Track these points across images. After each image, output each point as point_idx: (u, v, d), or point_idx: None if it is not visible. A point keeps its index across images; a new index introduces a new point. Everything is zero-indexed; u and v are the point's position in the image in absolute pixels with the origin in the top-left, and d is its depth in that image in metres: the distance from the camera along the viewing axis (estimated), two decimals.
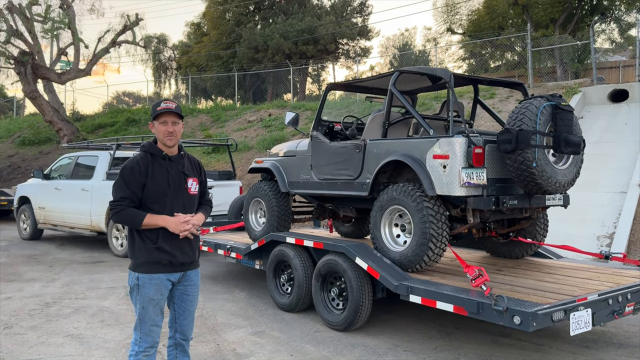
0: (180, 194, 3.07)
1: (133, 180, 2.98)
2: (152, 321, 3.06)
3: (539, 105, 4.48)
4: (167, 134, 3.03)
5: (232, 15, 30.22)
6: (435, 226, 4.58)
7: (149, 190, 3.00)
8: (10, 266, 8.38)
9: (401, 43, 43.69)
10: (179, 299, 3.18)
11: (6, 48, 20.74)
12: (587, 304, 3.87)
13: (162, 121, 3.03)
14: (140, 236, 3.03)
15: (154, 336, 3.08)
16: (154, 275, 3.02)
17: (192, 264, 3.17)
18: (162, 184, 3.03)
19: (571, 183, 4.84)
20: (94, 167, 9.90)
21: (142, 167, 3.01)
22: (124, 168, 3.04)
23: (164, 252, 3.01)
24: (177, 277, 3.11)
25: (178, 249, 3.05)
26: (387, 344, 4.68)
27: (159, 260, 3.01)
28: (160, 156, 3.07)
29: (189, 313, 3.21)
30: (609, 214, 8.87)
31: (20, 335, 4.88)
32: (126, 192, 2.98)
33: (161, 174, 3.04)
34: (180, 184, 3.08)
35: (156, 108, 3.05)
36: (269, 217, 6.38)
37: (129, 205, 2.98)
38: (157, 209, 3.01)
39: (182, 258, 3.07)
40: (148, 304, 3.03)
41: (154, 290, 3.03)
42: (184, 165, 3.14)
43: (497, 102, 14.06)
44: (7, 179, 19.65)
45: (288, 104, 20.98)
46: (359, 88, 6.79)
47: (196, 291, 3.23)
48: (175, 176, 3.07)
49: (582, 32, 20.05)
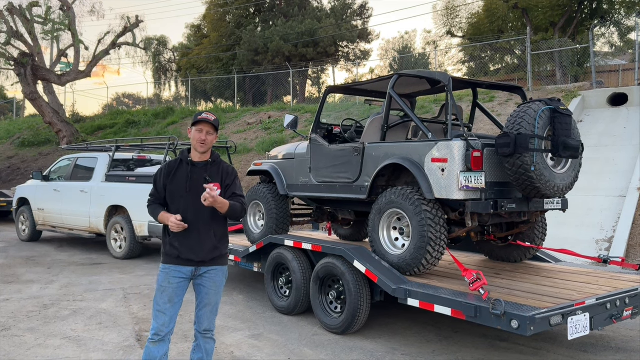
0: (197, 197, 3.25)
1: (158, 180, 3.44)
2: (158, 306, 3.33)
3: (537, 109, 4.49)
4: (200, 141, 3.34)
5: (232, 18, 30.28)
6: (433, 230, 4.58)
7: (169, 191, 3.40)
8: (8, 268, 8.37)
9: (401, 46, 43.75)
10: (196, 290, 3.45)
11: (6, 49, 20.75)
12: (585, 308, 3.87)
13: (199, 129, 3.34)
14: (164, 231, 3.42)
15: (159, 322, 3.32)
16: (166, 265, 3.38)
17: (203, 262, 3.37)
18: (179, 186, 3.37)
19: (570, 187, 4.84)
20: (93, 168, 9.90)
21: (167, 170, 3.42)
22: (157, 169, 3.54)
23: (173, 247, 3.35)
24: (188, 271, 3.37)
25: (186, 246, 3.33)
26: (385, 348, 4.68)
27: (169, 253, 3.37)
28: (186, 161, 3.41)
29: (204, 305, 3.42)
30: (608, 218, 8.87)
31: (18, 337, 4.87)
32: (152, 191, 3.47)
33: (181, 177, 3.38)
34: (199, 189, 3.26)
35: (197, 116, 3.35)
36: (268, 219, 6.38)
37: (154, 202, 3.45)
38: (174, 207, 3.38)
39: (189, 255, 3.32)
40: (158, 290, 3.36)
41: (163, 277, 3.36)
42: (207, 171, 3.39)
43: (496, 106, 14.07)
44: (7, 180, 19.64)
45: (288, 107, 20.99)
46: (358, 91, 6.79)
47: (212, 285, 3.42)
48: (195, 181, 3.33)
49: (582, 35, 20.09)
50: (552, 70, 18.32)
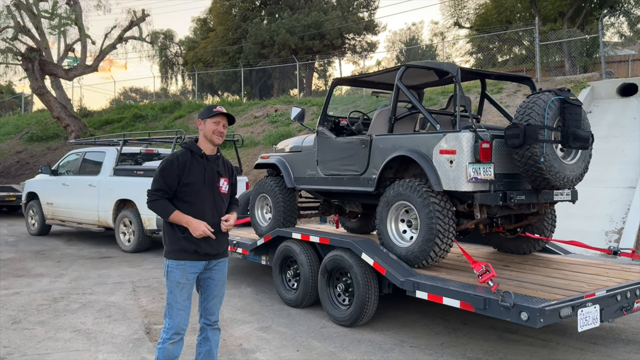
0: (212, 191, 3.29)
1: (171, 173, 3.22)
2: (179, 304, 3.23)
3: (547, 100, 4.44)
4: (218, 133, 3.29)
5: (238, 11, 30.19)
6: (441, 222, 4.56)
7: (184, 184, 3.22)
8: (18, 261, 8.43)
9: (408, 38, 43.46)
10: (204, 283, 3.39)
11: (14, 44, 20.83)
12: (595, 300, 3.84)
13: (215, 121, 3.29)
14: (172, 226, 3.27)
15: (180, 320, 3.24)
16: (181, 261, 3.24)
17: (217, 255, 3.35)
18: (197, 179, 3.25)
19: (579, 178, 4.80)
20: (101, 162, 9.94)
21: (181, 162, 3.24)
22: (164, 161, 3.28)
23: (191, 241, 3.22)
24: (202, 265, 3.30)
25: (204, 240, 3.24)
26: (393, 340, 4.68)
27: (185, 248, 3.22)
28: (199, 154, 3.30)
29: (213, 297, 3.39)
30: (618, 209, 8.80)
31: (28, 330, 4.91)
32: (161, 184, 3.22)
33: (198, 170, 3.26)
34: (214, 182, 3.30)
35: (212, 109, 3.30)
36: (275, 212, 6.38)
37: (162, 197, 3.23)
38: (189, 202, 3.24)
39: (207, 249, 3.27)
40: (175, 287, 3.24)
41: (180, 274, 3.24)
42: (218, 165, 3.37)
43: (504, 97, 13.97)
44: (16, 175, 19.79)
45: (294, 100, 20.95)
46: (365, 83, 6.76)
47: (221, 277, 3.42)
48: (210, 174, 3.29)
49: (591, 25, 19.86)
50: (561, 60, 18.14)
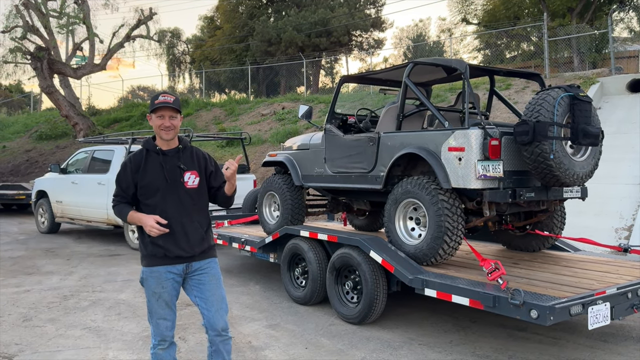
0: (175, 188, 3.03)
1: (124, 177, 3.06)
2: (158, 315, 3.06)
3: (556, 96, 4.41)
4: (164, 128, 3.02)
5: (245, 9, 30.22)
6: (450, 219, 4.54)
7: (141, 186, 3.03)
8: (29, 259, 8.50)
9: (415, 34, 43.27)
10: (196, 289, 3.11)
11: (22, 44, 20.95)
12: (605, 297, 3.81)
13: (159, 115, 3.01)
14: (140, 231, 3.08)
15: (162, 330, 3.07)
16: (154, 268, 3.05)
17: (194, 257, 3.08)
18: (155, 179, 3.02)
19: (589, 175, 4.76)
20: (110, 161, 9.98)
21: (134, 164, 3.06)
22: (120, 166, 3.12)
23: (157, 246, 3.01)
24: (179, 269, 3.07)
25: (172, 243, 3.01)
26: (402, 338, 4.67)
27: (154, 253, 3.03)
28: (154, 151, 3.08)
29: (211, 303, 3.09)
30: (628, 206, 8.73)
31: (39, 328, 4.95)
32: (117, 189, 3.10)
33: (154, 168, 3.04)
34: (176, 178, 3.04)
35: (154, 101, 3.01)
36: (283, 210, 6.38)
37: (120, 202, 3.09)
38: (151, 204, 3.02)
39: (177, 251, 3.02)
40: (152, 297, 3.06)
41: (155, 283, 3.04)
42: (179, 159, 3.08)
43: (513, 93, 13.89)
44: (25, 173, 19.93)
45: (301, 97, 20.95)
46: (373, 80, 6.73)
47: (211, 279, 3.12)
48: (170, 171, 3.04)
49: (600, 21, 19.67)
50: (570, 56, 18.00)
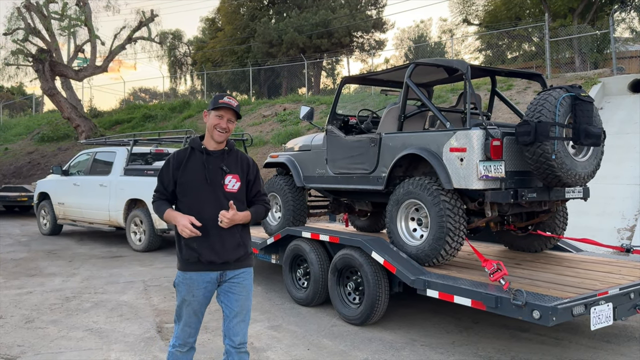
0: (214, 190, 2.95)
1: (166, 173, 3.01)
2: (185, 322, 2.99)
3: (558, 97, 4.41)
4: (219, 129, 2.94)
5: (246, 10, 30.25)
6: (452, 220, 4.54)
7: (180, 184, 2.97)
8: (31, 261, 8.51)
9: (416, 35, 43.32)
10: (225, 297, 3.01)
11: (24, 46, 21.02)
12: (608, 298, 3.81)
13: (219, 114, 2.94)
14: (177, 233, 2.96)
15: (186, 337, 3.00)
16: (186, 273, 2.96)
17: (227, 264, 2.96)
18: (195, 177, 2.95)
19: (591, 175, 4.75)
20: (112, 162, 10.01)
21: (176, 161, 3.00)
22: (164, 162, 3.08)
23: (191, 249, 2.92)
24: (213, 276, 2.96)
25: (207, 247, 2.90)
26: (404, 339, 4.66)
27: (187, 257, 2.94)
28: (199, 149, 3.00)
29: (235, 315, 2.98)
30: (630, 206, 8.71)
31: (41, 329, 4.96)
32: (158, 186, 3.05)
33: (197, 167, 2.96)
34: (216, 180, 2.96)
35: (218, 100, 2.95)
36: (285, 211, 6.38)
37: (160, 198, 3.04)
38: (187, 203, 2.96)
39: (211, 257, 2.91)
40: (182, 303, 2.98)
41: (186, 290, 2.95)
42: (223, 160, 3.00)
43: (514, 94, 13.88)
44: (27, 175, 19.96)
45: (303, 98, 20.95)
46: (374, 81, 6.74)
47: (241, 290, 3.00)
48: (212, 171, 2.96)
49: (602, 21, 19.66)
50: (571, 57, 17.99)
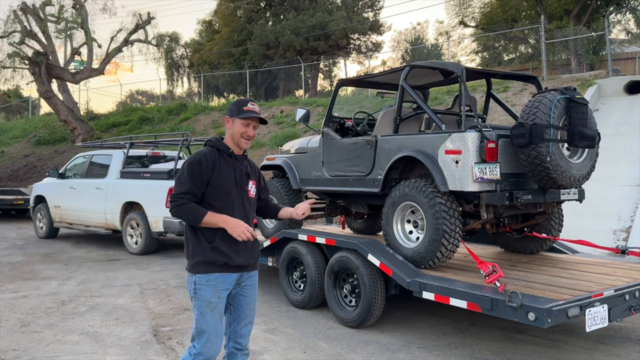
0: (241, 195, 2.95)
1: (199, 174, 2.82)
2: (212, 330, 2.82)
3: (552, 99, 4.42)
4: (246, 137, 2.92)
5: (243, 12, 30.27)
6: (448, 222, 4.54)
7: (213, 186, 2.84)
8: (26, 264, 8.49)
9: (413, 37, 43.38)
10: (235, 301, 2.97)
11: (21, 49, 21.00)
12: (603, 299, 3.82)
13: (246, 123, 2.90)
14: (196, 235, 2.86)
15: (213, 350, 2.83)
16: (211, 275, 2.83)
17: (249, 267, 2.96)
18: (227, 181, 2.88)
19: (586, 177, 4.77)
20: (108, 165, 9.99)
21: (210, 162, 2.85)
22: (191, 161, 2.86)
23: (220, 252, 2.82)
24: (234, 278, 2.91)
25: (235, 251, 2.85)
26: (400, 341, 4.67)
27: (213, 260, 2.82)
28: (227, 153, 2.93)
29: (244, 317, 2.99)
30: (626, 208, 8.74)
31: (36, 334, 4.94)
32: (190, 186, 2.81)
33: (227, 171, 2.90)
34: (243, 185, 2.96)
35: (242, 107, 2.90)
36: None
37: (190, 200, 2.81)
38: (218, 207, 2.84)
39: (238, 260, 2.87)
40: (205, 308, 2.81)
41: (212, 292, 2.82)
42: (247, 166, 3.03)
43: (510, 96, 13.91)
44: (24, 178, 19.91)
45: (300, 101, 20.96)
46: (370, 83, 6.76)
47: (253, 293, 3.02)
48: (240, 176, 2.95)
49: (597, 23, 19.74)
50: (567, 58, 18.06)
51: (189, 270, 2.89)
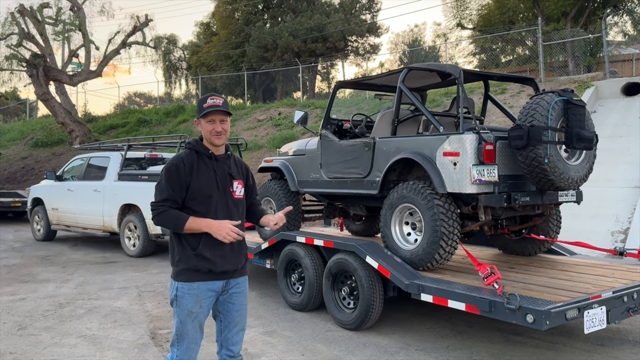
0: (225, 196, 2.84)
1: (177, 179, 2.76)
2: (191, 338, 2.79)
3: (550, 101, 4.43)
4: (215, 134, 2.81)
5: (241, 15, 30.29)
6: (446, 224, 4.54)
7: (193, 190, 2.77)
8: (24, 267, 8.46)
9: (411, 39, 43.48)
10: (223, 308, 2.90)
11: (18, 51, 20.98)
12: (601, 301, 3.81)
13: (209, 120, 2.80)
14: (180, 241, 2.80)
15: (192, 355, 2.81)
16: (193, 284, 2.76)
17: (236, 271, 2.88)
18: (207, 184, 2.80)
19: (584, 179, 4.78)
20: (106, 168, 9.97)
21: (187, 166, 2.78)
22: (168, 166, 2.80)
23: (204, 259, 2.75)
24: (219, 285, 2.83)
25: (220, 256, 2.78)
26: (398, 343, 4.66)
27: (198, 268, 2.75)
28: (206, 155, 2.84)
29: (235, 324, 2.91)
30: (623, 209, 8.75)
31: (34, 336, 4.92)
32: (169, 193, 2.75)
33: (207, 173, 2.81)
34: (226, 186, 2.86)
35: (202, 105, 2.81)
36: None
37: (171, 207, 2.76)
38: (201, 212, 2.77)
39: (224, 266, 2.80)
40: (186, 317, 2.77)
41: (193, 302, 2.76)
42: (230, 166, 2.92)
43: (508, 98, 13.94)
44: (21, 180, 19.86)
45: (298, 103, 20.97)
46: (368, 85, 6.75)
47: (243, 299, 2.93)
48: (222, 177, 2.85)
49: (594, 25, 19.79)
50: (565, 60, 18.10)
51: (173, 277, 2.84)
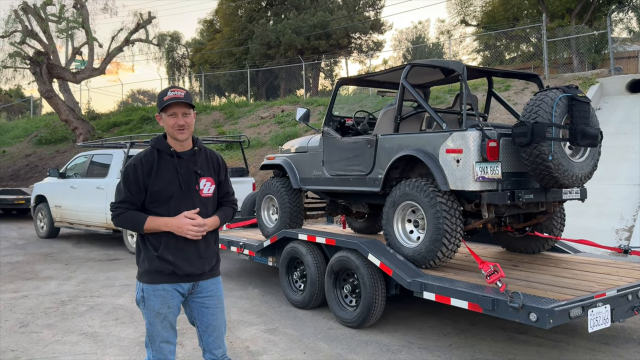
0: (190, 196, 2.71)
1: (134, 181, 2.65)
2: (161, 337, 2.73)
3: (554, 97, 4.38)
4: (178, 127, 2.65)
5: (244, 12, 30.28)
6: (449, 222, 4.51)
7: (152, 192, 2.66)
8: (27, 264, 8.47)
9: (414, 36, 43.31)
10: (197, 313, 2.82)
11: (22, 48, 21.02)
12: (605, 299, 3.78)
13: (170, 113, 2.64)
14: (143, 241, 2.72)
15: (166, 354, 2.75)
16: (157, 286, 2.69)
17: (203, 274, 2.77)
18: (168, 184, 2.66)
19: (588, 176, 4.73)
20: (109, 165, 9.97)
21: (145, 166, 2.66)
22: (126, 167, 2.69)
23: (166, 261, 2.66)
24: (186, 287, 2.75)
25: (183, 258, 2.68)
26: (401, 342, 4.64)
27: (160, 269, 2.67)
28: (167, 153, 2.69)
29: (213, 329, 2.82)
30: (628, 207, 8.70)
31: (35, 334, 4.92)
32: (126, 195, 2.66)
33: (168, 173, 2.67)
34: (190, 185, 2.71)
35: (162, 98, 2.64)
36: (281, 213, 6.35)
37: (128, 208, 2.67)
38: (162, 213, 2.66)
39: (188, 269, 2.70)
40: (155, 318, 2.71)
41: (160, 303, 2.69)
42: (196, 163, 2.75)
43: (512, 94, 13.87)
44: (25, 178, 19.92)
45: (301, 100, 20.94)
46: (371, 82, 6.72)
47: (216, 302, 2.83)
48: (185, 176, 2.70)
49: (599, 21, 19.69)
50: (569, 57, 18.00)
51: (137, 277, 2.77)
